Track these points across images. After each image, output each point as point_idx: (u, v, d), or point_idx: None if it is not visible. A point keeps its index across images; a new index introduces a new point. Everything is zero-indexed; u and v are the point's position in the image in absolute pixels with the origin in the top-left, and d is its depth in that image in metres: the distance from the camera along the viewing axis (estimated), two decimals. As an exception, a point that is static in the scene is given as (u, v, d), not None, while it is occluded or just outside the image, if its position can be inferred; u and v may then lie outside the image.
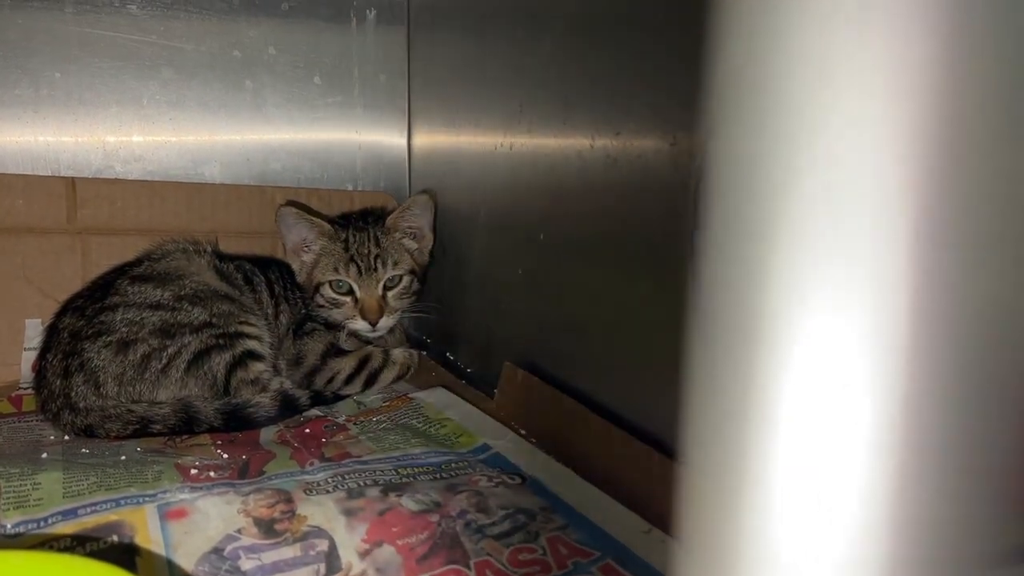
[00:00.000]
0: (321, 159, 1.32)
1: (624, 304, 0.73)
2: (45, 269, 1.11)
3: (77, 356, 0.91)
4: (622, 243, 0.72)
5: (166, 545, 0.61)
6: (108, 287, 0.98)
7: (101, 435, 0.87)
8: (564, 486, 0.72)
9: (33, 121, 1.15)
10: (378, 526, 0.65)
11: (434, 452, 0.81)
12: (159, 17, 1.19)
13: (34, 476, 0.72)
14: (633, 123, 0.70)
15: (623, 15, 0.71)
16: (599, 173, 0.75)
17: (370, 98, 1.33)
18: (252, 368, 0.97)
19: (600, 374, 0.78)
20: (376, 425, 0.91)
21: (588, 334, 0.79)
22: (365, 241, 1.09)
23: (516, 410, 0.89)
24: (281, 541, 0.62)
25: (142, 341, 0.93)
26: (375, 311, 1.06)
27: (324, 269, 1.09)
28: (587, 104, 0.77)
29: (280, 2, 1.25)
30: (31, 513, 0.65)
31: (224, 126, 1.25)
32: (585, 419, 0.76)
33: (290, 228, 1.11)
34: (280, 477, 0.74)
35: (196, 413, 0.89)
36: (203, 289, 0.99)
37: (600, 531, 0.64)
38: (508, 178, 0.95)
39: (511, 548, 0.62)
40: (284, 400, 0.95)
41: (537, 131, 0.88)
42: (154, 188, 1.18)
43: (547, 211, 0.86)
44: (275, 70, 1.27)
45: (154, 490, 0.70)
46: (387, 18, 1.32)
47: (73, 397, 0.89)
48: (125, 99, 1.19)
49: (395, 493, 0.70)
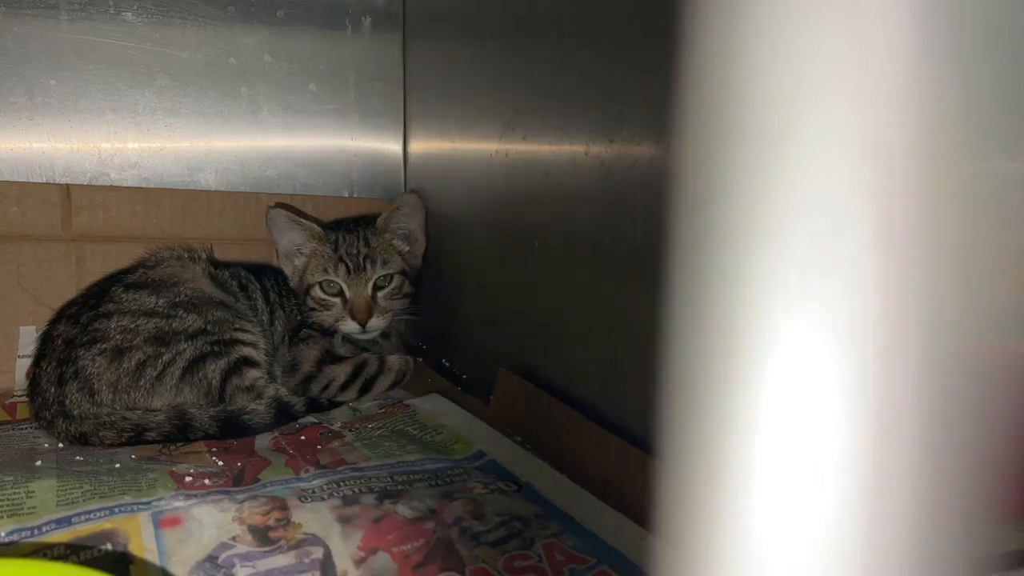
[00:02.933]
0: (316, 166, 1.33)
1: (620, 311, 0.73)
2: (39, 276, 1.11)
3: (72, 364, 0.91)
4: (617, 249, 0.72)
5: (160, 553, 0.61)
6: (103, 294, 0.98)
7: (95, 443, 0.87)
8: (560, 493, 0.72)
9: (28, 128, 1.15)
10: (373, 533, 0.65)
11: (429, 459, 0.81)
12: (155, 24, 1.19)
13: (28, 484, 0.72)
14: (627, 130, 0.70)
15: (621, 22, 0.72)
16: (594, 179, 0.76)
17: (366, 105, 1.34)
18: (247, 375, 0.97)
19: (595, 381, 0.78)
20: (372, 432, 0.91)
21: (584, 341, 0.79)
22: (355, 242, 1.09)
23: (511, 417, 0.89)
24: (276, 549, 0.62)
25: (137, 348, 0.93)
26: (364, 311, 1.06)
27: (314, 271, 1.09)
28: (582, 111, 0.78)
29: (276, 9, 1.25)
30: (24, 521, 0.65)
31: (219, 133, 1.25)
32: (580, 426, 0.76)
33: (281, 232, 1.11)
34: (275, 484, 0.74)
35: (191, 420, 0.89)
36: (198, 296, 0.99)
37: (596, 538, 0.64)
38: (503, 185, 0.96)
39: (507, 555, 0.62)
40: (279, 407, 0.95)
41: (532, 138, 0.88)
42: (149, 195, 1.18)
43: (542, 218, 0.86)
44: (271, 77, 1.27)
45: (148, 498, 0.70)
46: (382, 25, 1.33)
47: (68, 405, 0.89)
48: (120, 106, 1.19)
49: (390, 500, 0.70)
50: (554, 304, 0.85)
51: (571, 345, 0.82)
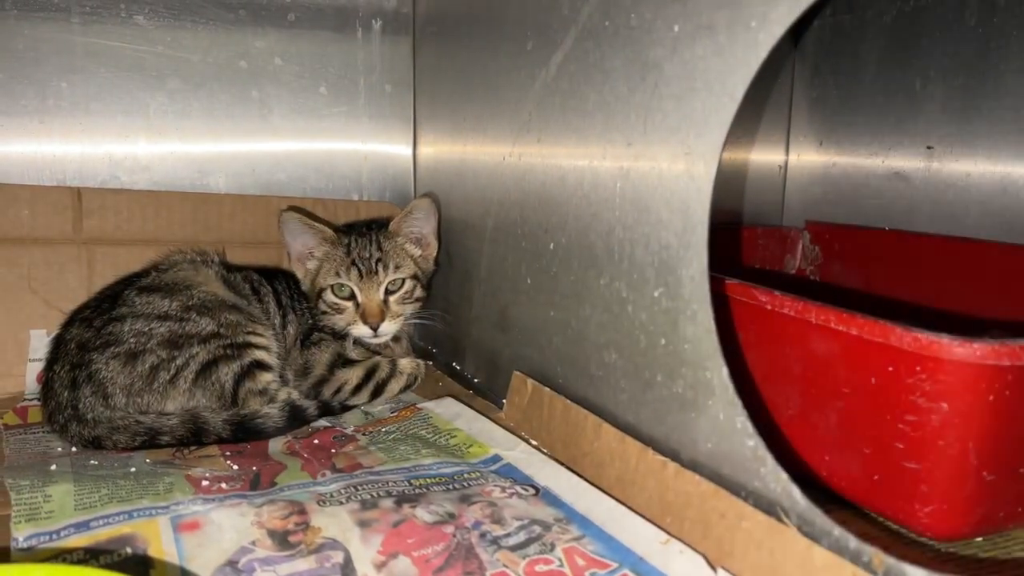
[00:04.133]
0: (326, 169, 1.32)
1: (636, 315, 0.72)
2: (50, 280, 1.11)
3: (85, 367, 0.91)
4: (634, 254, 0.72)
5: (180, 557, 0.61)
6: (116, 298, 0.97)
7: (109, 446, 0.87)
8: (579, 497, 0.72)
9: (39, 131, 1.15)
10: (393, 538, 0.64)
11: (445, 463, 0.81)
12: (166, 28, 1.19)
13: (44, 488, 0.72)
14: (647, 134, 0.70)
15: (635, 27, 0.71)
16: (611, 183, 0.75)
17: (376, 108, 1.34)
18: (260, 378, 0.96)
19: (611, 385, 0.77)
20: (386, 436, 0.90)
21: (600, 345, 0.79)
22: (367, 245, 1.09)
23: (526, 420, 0.89)
24: (296, 553, 0.62)
25: (150, 352, 0.92)
26: (376, 315, 1.06)
27: (326, 274, 1.09)
28: (599, 115, 0.77)
29: (286, 13, 1.25)
30: (43, 526, 0.65)
31: (230, 136, 1.25)
32: (598, 429, 0.76)
33: (294, 235, 1.11)
34: (292, 488, 0.74)
35: (204, 424, 0.89)
36: (211, 299, 0.99)
37: (617, 542, 0.64)
38: (516, 188, 0.95)
39: (527, 559, 0.62)
40: (292, 411, 0.94)
41: (547, 141, 0.88)
42: (160, 198, 1.18)
43: (557, 221, 0.86)
44: (281, 80, 1.27)
45: (166, 502, 0.69)
46: (393, 28, 1.33)
47: (81, 408, 0.89)
48: (131, 109, 1.19)
49: (409, 504, 0.70)
50: (569, 307, 0.85)
51: (587, 349, 0.81)
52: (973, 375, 0.58)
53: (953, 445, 0.61)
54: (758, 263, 1.37)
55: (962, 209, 1.16)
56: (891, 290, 1.18)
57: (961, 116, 1.16)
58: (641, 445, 0.70)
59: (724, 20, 0.61)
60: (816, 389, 0.71)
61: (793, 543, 0.54)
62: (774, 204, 1.51)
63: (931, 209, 1.21)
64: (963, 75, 1.15)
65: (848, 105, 1.36)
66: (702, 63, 0.63)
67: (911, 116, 1.23)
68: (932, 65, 1.19)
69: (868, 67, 1.31)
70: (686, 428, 0.67)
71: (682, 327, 0.66)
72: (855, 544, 0.52)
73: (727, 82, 0.60)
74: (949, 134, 1.18)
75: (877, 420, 0.65)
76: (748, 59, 0.58)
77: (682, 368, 0.67)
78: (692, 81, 0.64)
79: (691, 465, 0.65)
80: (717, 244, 0.63)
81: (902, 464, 0.64)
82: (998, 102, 1.10)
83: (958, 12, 1.15)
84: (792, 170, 1.50)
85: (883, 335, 0.62)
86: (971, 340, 0.58)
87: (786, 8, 0.56)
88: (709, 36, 0.62)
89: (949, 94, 1.17)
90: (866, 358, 0.65)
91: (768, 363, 0.76)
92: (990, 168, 1.13)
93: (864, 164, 1.33)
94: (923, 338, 0.59)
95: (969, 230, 1.14)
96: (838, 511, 0.71)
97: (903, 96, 1.24)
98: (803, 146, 1.47)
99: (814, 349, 0.70)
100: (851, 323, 0.65)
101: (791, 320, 0.71)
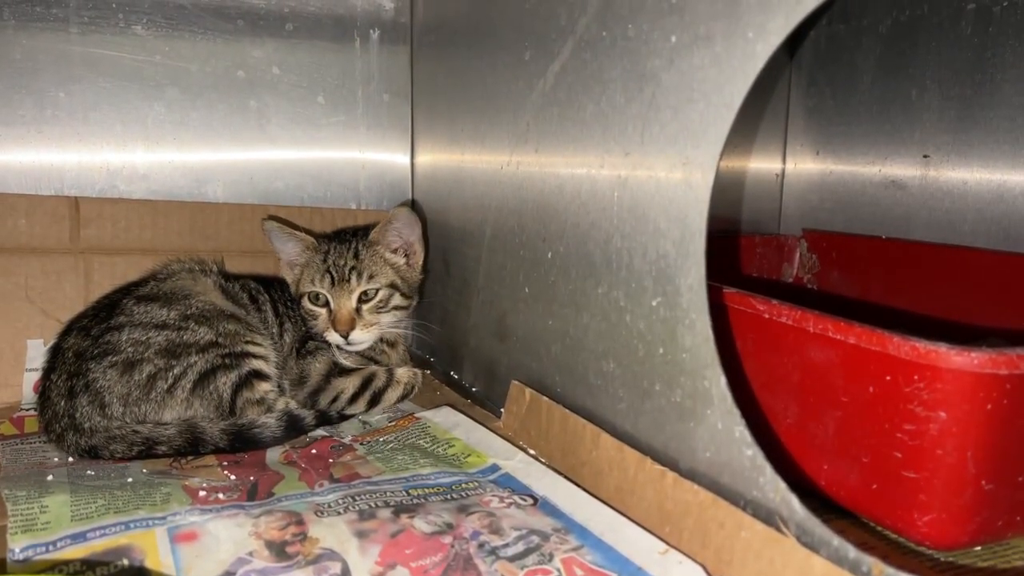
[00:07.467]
0: (324, 178, 1.33)
1: (634, 324, 0.73)
2: (47, 289, 1.10)
3: (82, 376, 0.91)
4: (632, 263, 0.72)
5: (177, 569, 0.61)
6: (114, 307, 0.97)
7: (106, 456, 0.86)
8: (577, 507, 0.71)
9: (37, 141, 1.15)
10: (391, 548, 0.64)
11: (443, 472, 0.81)
12: (164, 37, 1.19)
13: (41, 499, 0.71)
14: (644, 144, 0.70)
15: (632, 38, 0.72)
16: (609, 193, 0.76)
17: (373, 117, 1.34)
18: (258, 388, 0.96)
19: (610, 394, 0.77)
20: (383, 445, 0.90)
21: (598, 354, 0.79)
22: (343, 253, 1.09)
23: (524, 429, 0.89)
24: (293, 564, 0.62)
25: (148, 361, 0.92)
26: (346, 323, 1.06)
27: (305, 281, 1.10)
28: (597, 125, 0.78)
29: (284, 23, 1.26)
30: (39, 537, 0.64)
31: (228, 145, 1.26)
32: (596, 438, 0.75)
33: (282, 242, 1.12)
34: (290, 499, 0.73)
35: (201, 434, 0.89)
36: (209, 309, 0.99)
37: (615, 552, 0.64)
38: (514, 197, 0.95)
39: (526, 570, 0.61)
40: (289, 420, 0.94)
41: (545, 150, 0.88)
42: (157, 208, 1.18)
43: (555, 230, 0.86)
44: (279, 90, 1.27)
45: (163, 513, 0.69)
46: (390, 38, 1.33)
47: (78, 418, 0.89)
48: (129, 118, 1.19)
49: (407, 514, 0.70)
50: (567, 316, 0.85)
51: (585, 359, 0.81)
52: (971, 384, 0.58)
53: (951, 454, 0.61)
54: (755, 271, 1.37)
55: (959, 217, 1.17)
56: (888, 298, 1.18)
57: (957, 125, 1.16)
58: (640, 454, 0.69)
59: (721, 31, 0.61)
60: (814, 398, 0.71)
61: (792, 553, 0.54)
62: (771, 213, 1.51)
63: (928, 217, 1.22)
64: (959, 84, 1.15)
65: (844, 114, 1.36)
66: (699, 73, 0.63)
67: (907, 125, 1.24)
68: (928, 74, 1.20)
69: (864, 76, 1.32)
70: (684, 437, 0.67)
71: (680, 336, 0.66)
72: (854, 554, 0.52)
73: (724, 92, 0.60)
74: (945, 143, 1.18)
75: (875, 429, 0.65)
76: (745, 69, 0.58)
77: (680, 377, 0.66)
78: (689, 91, 0.64)
79: (690, 474, 0.65)
80: (714, 252, 0.63)
81: (900, 473, 0.64)
82: (994, 111, 1.11)
83: (954, 22, 1.15)
84: (789, 179, 1.50)
85: (881, 344, 0.62)
86: (969, 349, 0.58)
87: (783, 19, 0.56)
88: (706, 47, 0.62)
89: (945, 103, 1.18)
90: (864, 367, 0.65)
91: (766, 372, 0.76)
92: (986, 176, 1.13)
93: (861, 172, 1.33)
94: (921, 347, 0.59)
95: (966, 238, 1.15)
96: (837, 520, 0.71)
97: (899, 105, 1.25)
98: (800, 155, 1.47)
99: (812, 358, 0.70)
100: (849, 332, 0.65)
101: (789, 329, 0.71)
